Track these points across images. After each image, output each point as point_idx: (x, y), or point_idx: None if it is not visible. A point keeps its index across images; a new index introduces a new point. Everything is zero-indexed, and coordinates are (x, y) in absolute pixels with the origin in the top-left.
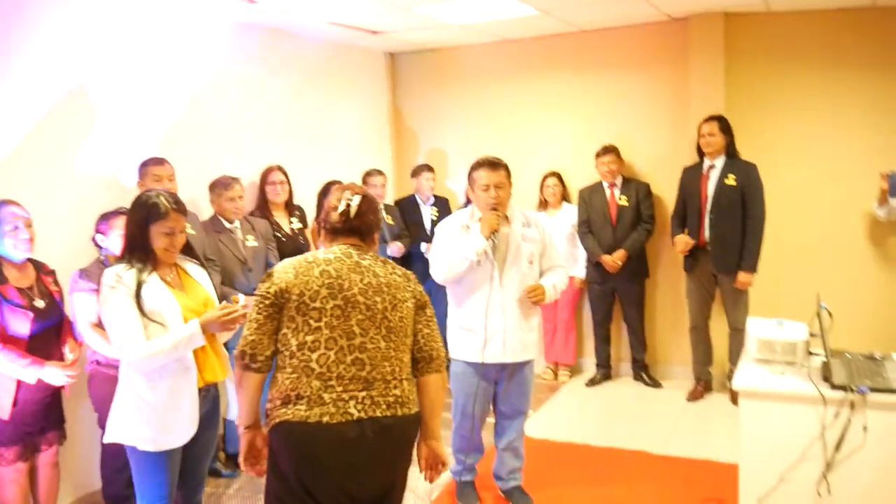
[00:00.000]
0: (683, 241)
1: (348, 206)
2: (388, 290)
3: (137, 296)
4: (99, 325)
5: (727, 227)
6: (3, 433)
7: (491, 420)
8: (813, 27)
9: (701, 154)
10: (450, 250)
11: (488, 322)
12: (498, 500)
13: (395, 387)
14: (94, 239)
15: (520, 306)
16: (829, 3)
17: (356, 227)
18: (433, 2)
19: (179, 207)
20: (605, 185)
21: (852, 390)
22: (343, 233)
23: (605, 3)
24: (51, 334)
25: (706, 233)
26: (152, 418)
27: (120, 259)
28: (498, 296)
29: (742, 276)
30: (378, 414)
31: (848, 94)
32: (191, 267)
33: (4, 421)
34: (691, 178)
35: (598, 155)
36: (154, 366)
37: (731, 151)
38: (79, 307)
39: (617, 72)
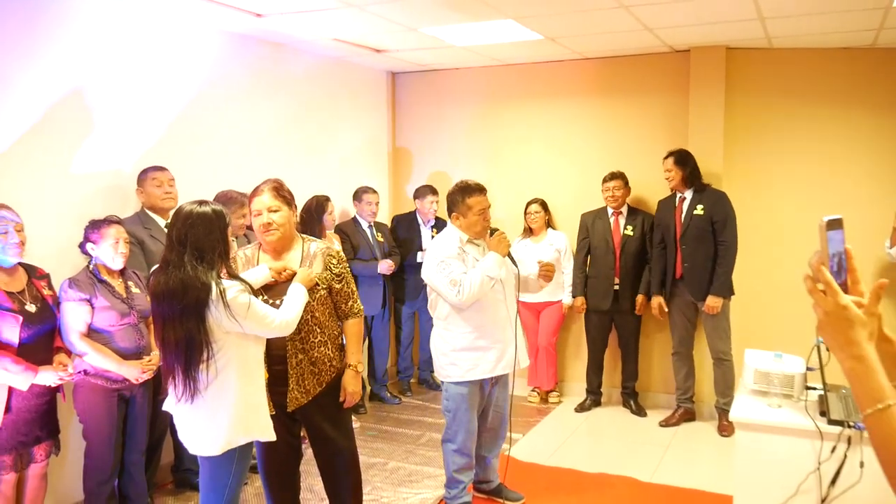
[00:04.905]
0: (656, 305)
1: None
2: None
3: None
4: (88, 334)
5: (699, 256)
6: None
7: None
8: (815, 64)
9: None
10: (470, 274)
11: (506, 335)
12: None
13: None
14: (83, 247)
15: (516, 318)
16: (831, 41)
17: None
18: (441, 23)
19: None
20: (610, 212)
21: (850, 426)
22: None
23: (612, 32)
24: (44, 340)
25: (681, 263)
26: (263, 411)
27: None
28: (505, 310)
29: (710, 300)
30: None
31: (849, 132)
32: None
33: None
34: (666, 210)
35: (604, 180)
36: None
37: (695, 182)
38: (68, 317)
39: (617, 101)
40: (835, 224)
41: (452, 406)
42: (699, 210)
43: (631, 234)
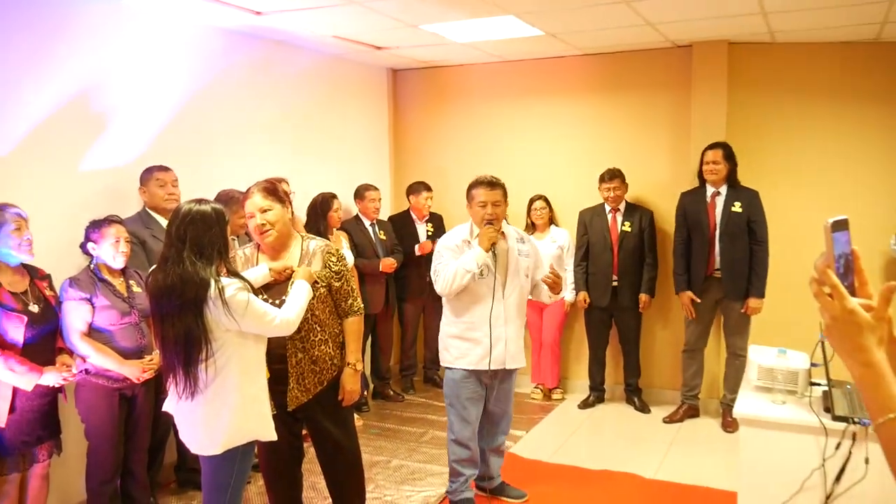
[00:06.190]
0: (688, 301)
1: None
2: None
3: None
4: (88, 334)
5: (736, 254)
6: None
7: None
8: (818, 59)
9: (702, 180)
10: (449, 265)
11: (493, 332)
12: None
13: None
14: (84, 247)
15: (517, 317)
16: (835, 35)
17: None
18: (441, 20)
19: None
20: (608, 209)
21: (854, 422)
22: None
23: (612, 28)
24: (47, 340)
25: (716, 260)
26: (265, 411)
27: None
28: (501, 307)
29: (753, 302)
30: None
31: (852, 127)
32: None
33: (1, 429)
34: (695, 204)
35: (602, 179)
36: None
37: (732, 179)
38: (69, 316)
39: (618, 96)
40: (840, 225)
41: (448, 391)
42: (737, 207)
43: (629, 230)
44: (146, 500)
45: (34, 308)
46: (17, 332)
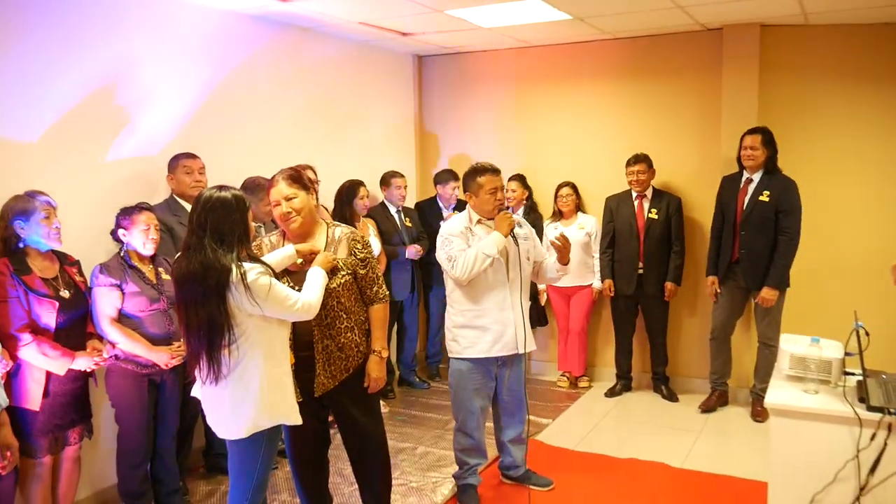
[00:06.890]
0: (711, 286)
1: None
2: None
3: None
4: (118, 320)
5: (758, 243)
6: (32, 425)
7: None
8: (854, 41)
9: (742, 165)
10: (467, 251)
11: (503, 316)
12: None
13: None
14: (115, 233)
15: (525, 299)
16: (871, 16)
17: None
18: (466, 5)
19: None
20: (634, 195)
21: (890, 412)
22: None
23: (641, 11)
24: (78, 325)
25: (738, 248)
26: (289, 395)
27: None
28: (508, 290)
29: (765, 292)
30: None
31: (889, 110)
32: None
33: (34, 412)
34: (730, 189)
35: (628, 164)
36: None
37: (770, 166)
38: (99, 301)
39: (647, 81)
40: None
41: (453, 382)
42: (764, 196)
43: (655, 217)
44: (175, 485)
45: (65, 293)
46: (49, 317)
